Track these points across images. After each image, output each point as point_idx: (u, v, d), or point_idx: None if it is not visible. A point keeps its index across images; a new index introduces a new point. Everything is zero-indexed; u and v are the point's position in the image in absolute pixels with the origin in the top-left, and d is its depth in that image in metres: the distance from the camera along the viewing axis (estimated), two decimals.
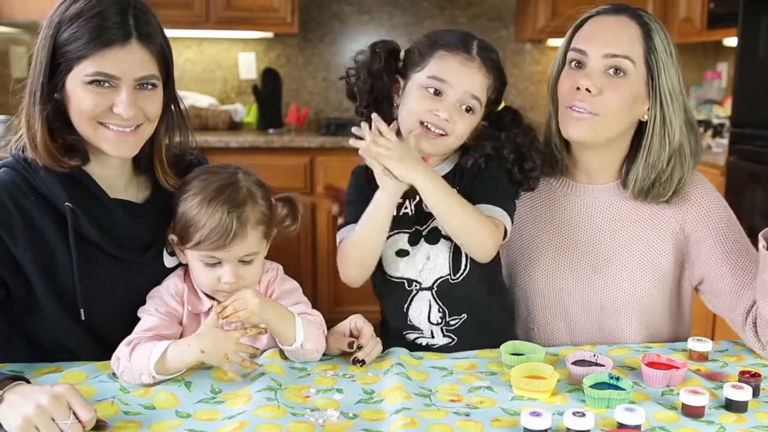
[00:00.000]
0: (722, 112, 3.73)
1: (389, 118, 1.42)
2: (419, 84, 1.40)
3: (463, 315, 1.47)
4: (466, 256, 1.44)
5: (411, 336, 1.50)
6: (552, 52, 4.22)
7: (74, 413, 1.05)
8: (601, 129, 1.47)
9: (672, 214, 1.52)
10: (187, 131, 1.45)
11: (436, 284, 1.46)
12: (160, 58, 1.32)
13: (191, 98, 3.86)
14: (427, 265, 1.46)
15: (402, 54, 1.46)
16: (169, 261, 1.41)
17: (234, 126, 3.92)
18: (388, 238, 1.44)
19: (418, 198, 1.44)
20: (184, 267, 1.40)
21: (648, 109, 1.48)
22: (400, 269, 1.47)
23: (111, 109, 1.27)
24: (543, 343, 1.51)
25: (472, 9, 4.16)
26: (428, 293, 1.47)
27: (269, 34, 3.97)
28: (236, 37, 3.99)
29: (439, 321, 1.47)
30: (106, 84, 1.26)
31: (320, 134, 3.67)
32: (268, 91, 3.89)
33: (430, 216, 1.45)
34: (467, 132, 1.42)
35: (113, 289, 1.35)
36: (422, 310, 1.47)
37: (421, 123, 1.40)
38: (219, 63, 4.07)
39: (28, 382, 1.14)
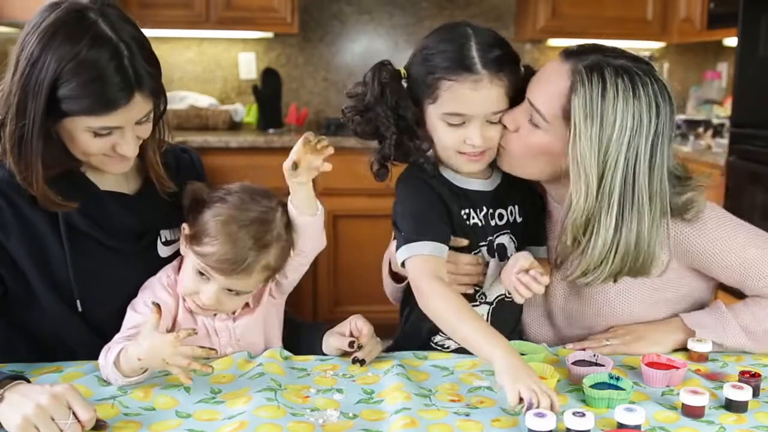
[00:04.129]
0: (722, 112, 3.73)
1: (415, 146, 1.39)
2: (439, 118, 1.35)
3: None
4: None
5: (441, 340, 1.47)
6: (552, 52, 4.22)
7: (74, 413, 1.05)
8: (509, 165, 1.41)
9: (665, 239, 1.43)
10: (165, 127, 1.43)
11: (496, 300, 1.46)
12: (155, 92, 1.29)
13: (191, 98, 3.85)
14: (497, 280, 1.42)
15: (403, 72, 1.38)
16: (163, 251, 1.41)
17: (234, 126, 3.91)
18: (474, 253, 1.42)
19: (485, 209, 1.43)
20: (180, 258, 1.39)
21: None
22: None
23: (114, 148, 1.28)
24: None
25: (472, 9, 4.16)
26: (487, 308, 1.45)
27: (269, 34, 3.97)
28: (236, 37, 3.99)
29: None
30: (111, 133, 1.26)
31: (320, 134, 3.66)
32: (268, 91, 3.89)
33: (496, 229, 1.43)
34: (501, 133, 1.39)
35: (108, 280, 1.35)
36: None
37: (462, 153, 1.36)
38: (219, 63, 4.06)
39: (28, 381, 1.14)
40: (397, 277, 1.56)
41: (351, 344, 1.37)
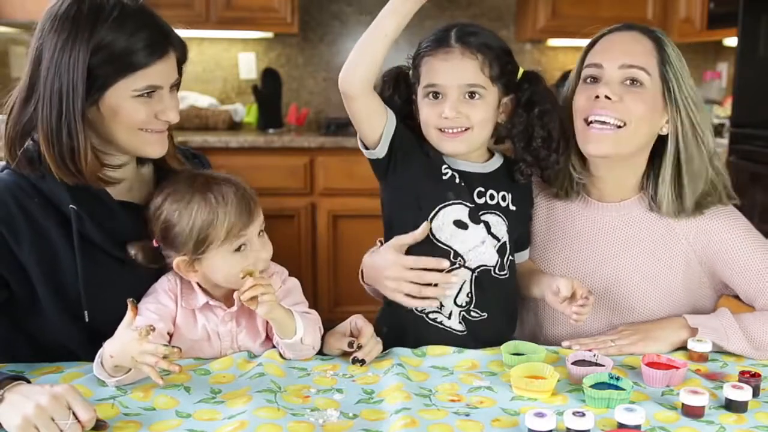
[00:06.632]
0: (722, 112, 3.73)
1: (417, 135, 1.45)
2: (421, 96, 1.43)
3: (485, 314, 1.47)
4: (512, 258, 1.49)
5: (428, 310, 1.46)
6: (552, 52, 4.23)
7: (74, 413, 1.05)
8: (623, 142, 1.45)
9: (681, 231, 1.51)
10: None
11: (478, 269, 1.46)
12: (180, 60, 1.37)
13: (191, 98, 3.85)
14: (480, 248, 1.45)
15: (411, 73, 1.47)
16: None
17: (234, 126, 3.92)
18: (447, 206, 1.43)
19: (470, 186, 1.46)
20: None
21: (666, 122, 1.46)
22: (452, 239, 1.44)
23: (156, 116, 1.32)
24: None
25: (472, 9, 4.16)
26: (468, 274, 1.45)
27: (269, 34, 3.97)
28: (236, 37, 3.99)
29: (464, 305, 1.46)
30: (153, 94, 1.30)
31: (320, 134, 3.66)
32: (268, 91, 3.89)
33: (484, 207, 1.46)
34: (488, 116, 1.42)
35: (117, 292, 1.34)
36: (454, 287, 1.45)
37: (441, 131, 1.41)
38: (219, 63, 4.06)
39: (29, 382, 1.14)
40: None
41: (351, 344, 1.37)
